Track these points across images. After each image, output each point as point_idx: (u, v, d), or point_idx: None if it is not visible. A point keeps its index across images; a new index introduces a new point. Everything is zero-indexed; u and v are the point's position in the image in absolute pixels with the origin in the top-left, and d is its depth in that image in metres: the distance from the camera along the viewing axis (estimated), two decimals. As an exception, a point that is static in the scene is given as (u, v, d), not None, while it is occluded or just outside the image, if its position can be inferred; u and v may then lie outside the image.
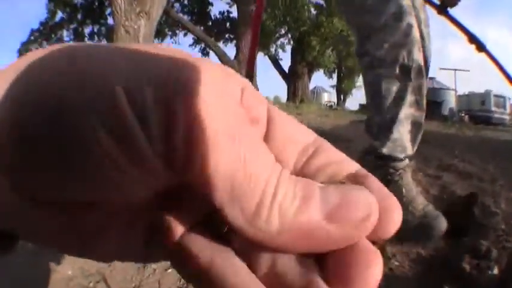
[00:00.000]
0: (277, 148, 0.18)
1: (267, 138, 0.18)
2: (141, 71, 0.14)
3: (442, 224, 1.34)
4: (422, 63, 1.55)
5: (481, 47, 1.91)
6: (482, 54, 1.93)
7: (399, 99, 1.52)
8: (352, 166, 0.18)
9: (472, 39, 1.94)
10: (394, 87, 1.53)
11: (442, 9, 1.94)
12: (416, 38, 1.54)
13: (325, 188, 0.15)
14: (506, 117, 19.83)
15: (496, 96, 20.05)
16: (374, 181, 0.17)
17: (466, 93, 22.48)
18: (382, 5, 1.57)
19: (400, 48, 1.53)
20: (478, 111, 19.51)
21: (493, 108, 19.57)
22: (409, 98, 1.53)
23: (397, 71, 1.52)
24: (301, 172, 0.18)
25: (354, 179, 0.17)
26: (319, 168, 0.18)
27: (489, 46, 1.92)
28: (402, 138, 1.51)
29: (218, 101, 0.15)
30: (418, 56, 1.54)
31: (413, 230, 1.33)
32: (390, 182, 1.42)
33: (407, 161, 1.52)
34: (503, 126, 16.99)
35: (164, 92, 0.14)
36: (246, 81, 0.18)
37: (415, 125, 1.55)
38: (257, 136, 0.16)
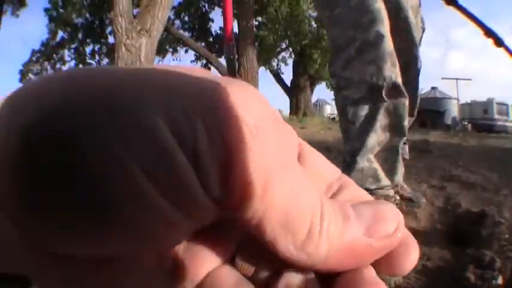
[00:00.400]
0: None
1: None
2: (183, 98, 0.12)
3: None
4: (398, 79, 1.30)
5: (498, 41, 1.73)
6: (501, 49, 1.73)
7: (367, 124, 1.30)
8: None
9: (489, 33, 1.74)
10: (363, 111, 1.31)
11: (451, 0, 1.72)
12: (388, 50, 1.29)
13: (356, 205, 0.16)
14: (510, 124, 19.75)
15: (498, 104, 20.03)
16: None
17: (469, 101, 22.46)
18: (349, 14, 1.34)
19: (368, 64, 1.30)
20: (480, 119, 19.46)
21: (496, 116, 19.53)
22: (382, 121, 1.30)
23: (365, 92, 1.30)
24: None
25: None
26: None
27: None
28: (373, 168, 1.31)
29: (268, 131, 0.14)
30: (391, 71, 1.28)
31: None
32: None
33: (385, 191, 1.33)
34: (506, 133, 16.94)
35: (217, 123, 0.12)
36: (276, 110, 0.18)
37: (392, 151, 1.33)
38: (298, 163, 0.16)
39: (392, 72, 1.29)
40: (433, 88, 19.83)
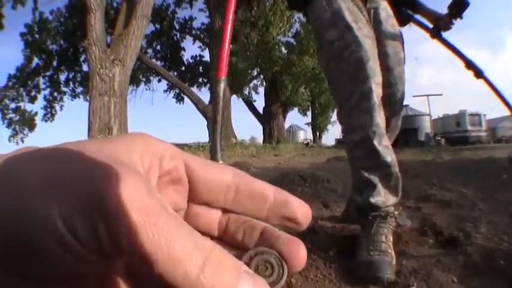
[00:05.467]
0: (205, 195, 0.24)
1: (192, 190, 0.24)
2: (71, 202, 0.18)
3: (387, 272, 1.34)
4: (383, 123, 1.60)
5: (478, 73, 1.87)
6: (480, 81, 1.89)
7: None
8: (268, 191, 0.24)
9: (469, 65, 1.89)
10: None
11: (436, 33, 1.91)
12: (378, 102, 1.59)
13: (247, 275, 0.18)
14: (483, 134, 19.93)
15: (471, 115, 20.20)
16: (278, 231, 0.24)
17: (441, 116, 22.77)
18: (349, 69, 1.62)
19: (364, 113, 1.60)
20: (454, 132, 19.65)
21: (469, 128, 19.71)
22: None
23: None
24: (227, 231, 0.25)
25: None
26: (238, 227, 0.24)
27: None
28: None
29: (133, 209, 0.18)
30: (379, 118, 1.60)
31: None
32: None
33: (389, 209, 1.61)
34: (480, 143, 17.12)
35: (88, 214, 0.18)
36: (167, 146, 0.23)
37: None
38: (176, 222, 0.18)
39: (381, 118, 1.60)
40: (405, 106, 20.11)
